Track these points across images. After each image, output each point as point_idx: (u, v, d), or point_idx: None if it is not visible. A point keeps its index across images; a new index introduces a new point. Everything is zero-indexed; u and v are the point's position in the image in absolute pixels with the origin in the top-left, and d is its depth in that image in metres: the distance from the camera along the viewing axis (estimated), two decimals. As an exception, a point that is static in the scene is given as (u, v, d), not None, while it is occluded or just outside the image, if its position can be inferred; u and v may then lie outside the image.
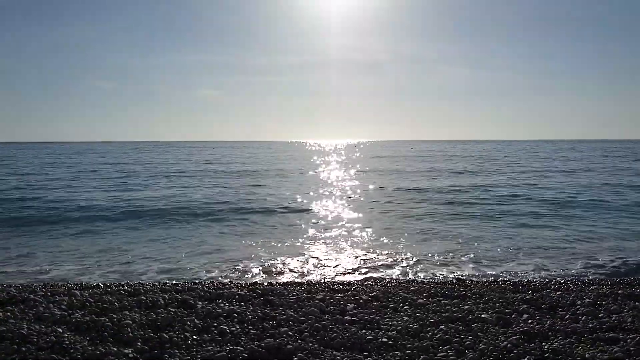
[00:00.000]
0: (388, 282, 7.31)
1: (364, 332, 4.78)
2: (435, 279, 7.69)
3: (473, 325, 4.96)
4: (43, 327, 4.81)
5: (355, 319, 5.14)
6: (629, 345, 4.37)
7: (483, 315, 5.24)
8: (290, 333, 4.73)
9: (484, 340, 4.55)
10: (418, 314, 5.33)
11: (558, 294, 6.16)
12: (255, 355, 4.23)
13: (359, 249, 10.21)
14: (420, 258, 9.38)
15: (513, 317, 5.25)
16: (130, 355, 4.21)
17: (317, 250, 10.14)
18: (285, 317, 5.16)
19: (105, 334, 4.67)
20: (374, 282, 7.32)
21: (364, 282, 7.33)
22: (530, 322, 5.08)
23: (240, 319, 5.11)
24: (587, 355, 4.21)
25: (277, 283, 7.09)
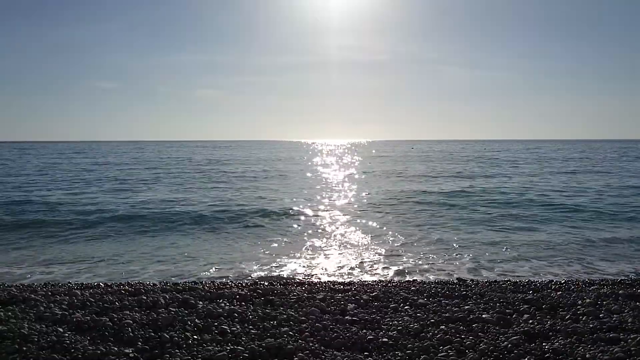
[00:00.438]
0: (388, 282, 7.31)
1: (365, 332, 4.78)
2: (436, 279, 7.68)
3: (474, 325, 4.96)
4: (44, 326, 4.82)
5: (356, 319, 5.14)
6: (630, 346, 4.36)
7: (484, 316, 5.24)
8: (291, 333, 4.73)
9: (485, 340, 4.55)
10: (419, 314, 5.33)
11: (559, 294, 6.16)
12: (256, 355, 4.23)
13: (360, 250, 10.21)
14: (421, 258, 9.38)
15: (514, 317, 5.25)
16: (131, 355, 4.22)
17: (317, 251, 10.14)
18: (286, 317, 5.16)
19: (106, 334, 4.68)
20: (375, 282, 7.32)
21: (365, 282, 7.33)
22: (531, 322, 5.07)
23: (241, 319, 5.12)
24: (587, 356, 4.21)
25: (277, 283, 7.09)
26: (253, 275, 8.25)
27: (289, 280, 7.53)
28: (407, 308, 5.58)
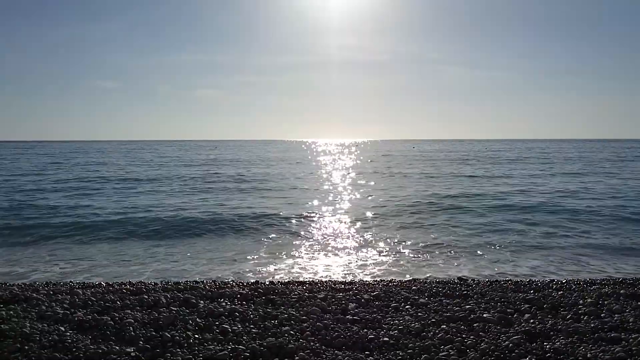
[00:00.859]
0: (389, 281, 7.30)
1: (366, 331, 4.78)
2: (437, 279, 7.68)
3: (475, 325, 4.96)
4: (45, 325, 4.82)
5: (357, 318, 5.14)
6: (631, 345, 4.36)
7: (485, 315, 5.23)
8: (292, 332, 4.73)
9: (486, 340, 4.55)
10: (420, 314, 5.33)
11: (560, 294, 6.16)
12: (257, 355, 4.24)
13: (361, 250, 10.21)
14: (422, 258, 9.38)
15: (515, 316, 5.25)
16: (133, 354, 4.22)
17: (318, 251, 10.14)
18: (287, 316, 5.16)
19: (108, 333, 4.69)
20: (376, 281, 7.31)
21: (366, 281, 7.33)
22: (532, 321, 5.07)
23: (242, 318, 5.12)
24: (589, 355, 4.21)
25: (278, 282, 7.09)
26: (254, 275, 8.25)
27: (290, 280, 7.53)
28: (408, 307, 5.58)
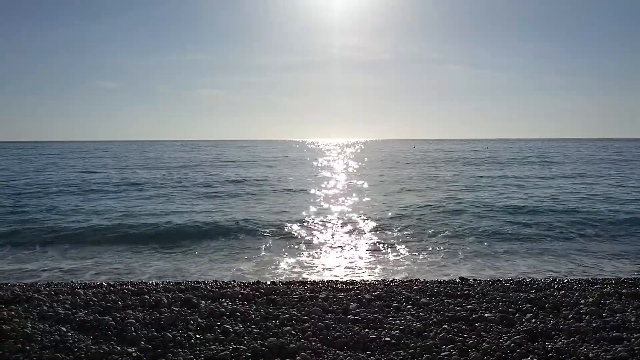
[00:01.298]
0: (391, 281, 7.28)
1: (367, 331, 4.78)
2: (438, 279, 7.67)
3: (476, 325, 4.95)
4: (47, 326, 4.83)
5: (358, 318, 5.14)
6: (633, 345, 4.35)
7: (486, 315, 5.23)
8: (293, 332, 4.73)
9: (487, 340, 4.54)
10: (421, 313, 5.32)
11: (561, 294, 6.15)
12: (259, 355, 4.24)
13: (362, 250, 10.20)
14: (424, 258, 9.37)
15: (516, 316, 5.24)
16: (134, 354, 4.22)
17: (319, 251, 10.14)
18: (289, 316, 5.16)
19: (109, 333, 4.69)
20: (377, 281, 7.30)
21: (367, 281, 7.32)
22: (534, 321, 5.07)
23: (244, 318, 5.12)
24: (590, 355, 4.20)
25: (280, 282, 7.09)
26: (255, 275, 8.25)
27: (291, 280, 7.53)
28: (409, 307, 5.57)
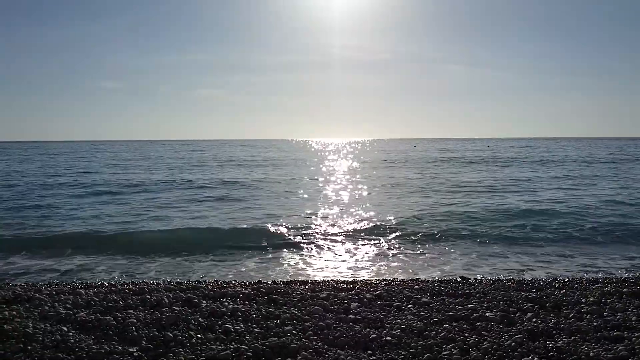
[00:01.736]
0: (392, 280, 7.29)
1: (368, 330, 4.78)
2: (439, 278, 7.67)
3: (477, 324, 4.95)
4: (48, 325, 4.84)
5: (359, 318, 5.14)
6: (634, 344, 4.35)
7: (487, 314, 5.23)
8: (295, 332, 4.73)
9: (488, 339, 4.54)
10: (422, 313, 5.33)
11: (562, 293, 6.15)
12: (260, 354, 4.24)
13: (363, 250, 10.20)
14: (424, 258, 9.37)
15: (517, 315, 5.24)
16: (135, 354, 4.23)
17: (320, 251, 10.14)
18: (290, 315, 5.16)
19: (110, 333, 4.69)
20: (378, 280, 7.31)
21: (368, 280, 7.32)
22: (535, 320, 5.07)
23: (245, 318, 5.13)
24: (591, 354, 4.20)
25: (281, 282, 7.09)
26: (256, 274, 8.25)
27: (292, 279, 7.53)
28: (410, 307, 5.57)
